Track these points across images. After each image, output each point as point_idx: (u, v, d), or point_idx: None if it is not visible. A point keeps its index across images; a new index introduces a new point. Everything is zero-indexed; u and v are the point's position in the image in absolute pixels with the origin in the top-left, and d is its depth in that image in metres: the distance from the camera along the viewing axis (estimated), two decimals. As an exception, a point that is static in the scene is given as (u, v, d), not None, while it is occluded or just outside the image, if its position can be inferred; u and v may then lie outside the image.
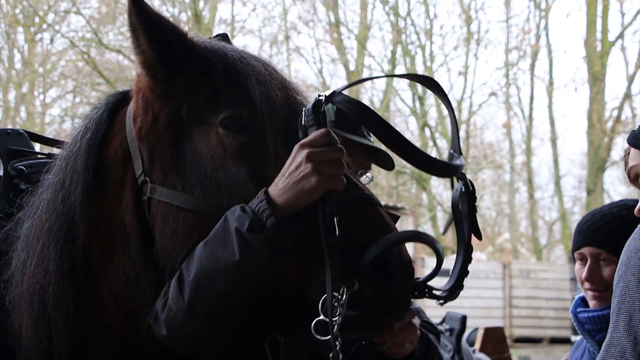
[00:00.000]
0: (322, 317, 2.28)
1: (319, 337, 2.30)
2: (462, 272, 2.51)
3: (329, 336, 2.28)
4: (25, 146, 3.36)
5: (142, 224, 2.58)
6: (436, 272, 2.50)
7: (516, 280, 25.38)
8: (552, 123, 33.35)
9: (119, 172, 2.67)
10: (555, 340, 24.94)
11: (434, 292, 2.52)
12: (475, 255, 25.80)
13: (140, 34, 2.55)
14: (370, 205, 2.44)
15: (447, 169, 2.55)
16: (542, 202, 38.26)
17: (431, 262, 24.70)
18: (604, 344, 2.71)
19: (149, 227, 2.58)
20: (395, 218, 3.20)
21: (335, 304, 2.25)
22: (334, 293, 2.25)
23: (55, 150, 2.94)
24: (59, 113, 29.08)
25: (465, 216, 2.54)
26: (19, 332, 2.71)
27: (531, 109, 34.15)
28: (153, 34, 2.55)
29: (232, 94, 2.55)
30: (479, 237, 2.57)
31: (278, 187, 2.33)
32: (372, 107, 2.46)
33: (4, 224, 2.95)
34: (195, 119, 2.57)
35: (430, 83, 2.69)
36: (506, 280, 25.21)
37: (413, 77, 2.86)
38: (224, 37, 2.91)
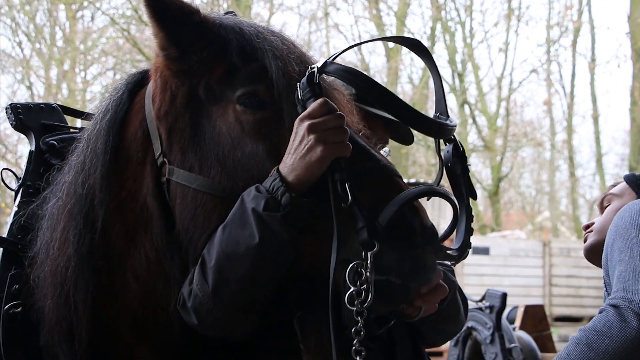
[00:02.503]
0: (352, 288, 2.25)
1: (351, 308, 2.27)
2: (467, 231, 2.52)
3: (353, 308, 2.26)
4: (58, 120, 3.37)
5: (163, 206, 2.58)
6: (453, 227, 2.52)
7: (556, 258, 25.15)
8: (594, 100, 32.87)
9: (139, 153, 2.66)
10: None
11: (447, 252, 2.47)
12: (515, 233, 25.60)
13: (149, 17, 2.55)
14: (388, 175, 2.43)
15: (443, 130, 2.55)
16: (583, 181, 37.83)
17: (471, 240, 24.59)
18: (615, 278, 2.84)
19: (170, 209, 2.57)
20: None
21: (361, 270, 2.23)
22: (356, 261, 2.24)
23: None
24: (100, 90, 29.28)
25: (460, 176, 2.60)
26: (43, 312, 2.75)
27: (572, 86, 33.69)
28: (161, 16, 2.54)
29: (248, 70, 2.53)
30: (475, 196, 2.63)
31: (287, 164, 2.32)
32: (368, 75, 2.46)
33: (34, 200, 2.99)
34: (212, 97, 2.55)
35: (415, 45, 2.71)
36: (546, 258, 24.98)
37: (398, 39, 2.90)
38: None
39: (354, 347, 2.30)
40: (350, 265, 2.24)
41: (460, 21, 32.03)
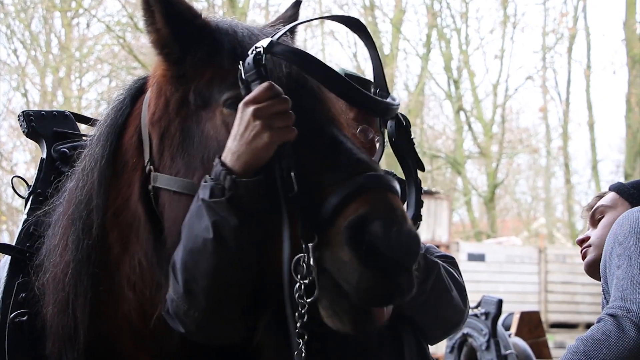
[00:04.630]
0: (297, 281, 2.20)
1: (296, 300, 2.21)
2: (417, 204, 2.51)
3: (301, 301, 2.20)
4: (70, 128, 3.36)
5: (151, 213, 2.56)
6: (403, 201, 2.44)
7: (552, 265, 25.16)
8: (590, 107, 32.92)
9: (134, 159, 2.65)
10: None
11: None
12: (511, 239, 25.61)
13: (156, 11, 2.53)
14: (348, 165, 2.31)
15: (389, 110, 2.52)
16: (579, 187, 37.83)
17: (467, 247, 24.62)
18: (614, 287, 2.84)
19: (158, 216, 2.56)
20: None
21: (303, 263, 2.17)
22: (300, 254, 2.18)
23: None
24: (95, 97, 29.27)
25: (405, 149, 2.58)
26: (46, 320, 2.74)
27: (568, 92, 33.71)
28: (169, 12, 2.53)
29: (236, 72, 2.45)
30: (422, 168, 2.63)
31: (232, 150, 2.29)
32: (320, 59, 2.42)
33: (43, 207, 2.98)
34: (202, 102, 2.52)
35: (353, 24, 2.70)
36: (542, 265, 24.99)
37: (337, 18, 2.82)
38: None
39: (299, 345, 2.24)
40: (295, 258, 2.19)
41: (455, 28, 32.10)
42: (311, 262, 2.16)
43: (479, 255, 24.06)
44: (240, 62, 2.36)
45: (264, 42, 2.36)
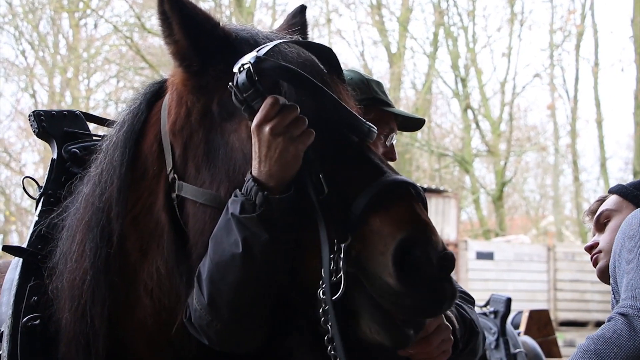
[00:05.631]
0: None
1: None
2: None
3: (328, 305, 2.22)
4: (80, 128, 3.33)
5: (174, 221, 2.55)
6: None
7: (561, 263, 25.13)
8: (598, 104, 32.86)
9: (155, 166, 2.63)
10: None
11: None
12: (519, 237, 25.57)
13: (174, 22, 2.50)
14: (368, 165, 2.36)
15: (371, 133, 2.45)
16: (588, 185, 37.79)
17: (475, 246, 24.59)
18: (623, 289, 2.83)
19: (181, 225, 2.54)
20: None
21: (334, 264, 2.20)
22: (330, 254, 2.20)
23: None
24: (103, 97, 29.35)
25: None
26: (60, 325, 2.72)
27: (576, 90, 33.68)
28: (187, 23, 2.49)
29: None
30: None
31: (263, 172, 2.27)
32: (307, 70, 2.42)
33: (54, 209, 2.96)
34: (226, 114, 2.48)
35: (324, 52, 2.65)
36: (550, 263, 24.97)
37: (313, 44, 2.73)
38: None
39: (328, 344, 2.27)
40: (328, 255, 2.21)
41: (463, 26, 32.09)
42: (340, 264, 2.19)
43: (488, 253, 24.05)
44: (230, 84, 2.34)
45: (251, 58, 2.33)
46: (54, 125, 3.25)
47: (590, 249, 3.70)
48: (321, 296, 2.23)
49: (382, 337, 2.24)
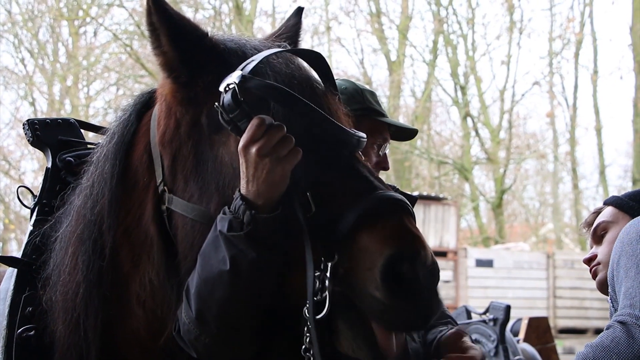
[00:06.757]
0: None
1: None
2: None
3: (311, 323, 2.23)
4: (75, 136, 3.32)
5: (164, 234, 2.55)
6: None
7: (560, 270, 25.12)
8: (597, 112, 32.90)
9: (145, 177, 2.63)
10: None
11: None
12: (519, 245, 25.55)
13: (162, 34, 2.49)
14: (356, 178, 2.35)
15: (360, 144, 2.45)
16: (587, 192, 37.78)
17: (475, 253, 24.57)
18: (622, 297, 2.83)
19: (171, 237, 2.54)
20: (413, 200, 3.17)
21: (320, 283, 2.20)
22: (316, 272, 2.20)
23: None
24: (103, 105, 29.36)
25: None
26: (55, 336, 2.72)
27: (575, 97, 33.71)
28: (175, 34, 2.48)
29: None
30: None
31: (251, 191, 2.26)
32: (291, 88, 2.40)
33: (49, 219, 2.95)
34: (215, 126, 2.45)
35: (313, 57, 2.66)
36: (550, 270, 24.96)
37: (301, 50, 2.73)
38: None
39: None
40: (313, 274, 2.21)
41: (462, 34, 32.13)
42: (326, 283, 2.20)
43: (487, 261, 24.04)
44: (216, 104, 2.32)
45: (236, 78, 2.31)
46: (49, 134, 3.24)
47: (588, 261, 3.70)
48: (305, 314, 2.24)
49: (364, 355, 2.26)
